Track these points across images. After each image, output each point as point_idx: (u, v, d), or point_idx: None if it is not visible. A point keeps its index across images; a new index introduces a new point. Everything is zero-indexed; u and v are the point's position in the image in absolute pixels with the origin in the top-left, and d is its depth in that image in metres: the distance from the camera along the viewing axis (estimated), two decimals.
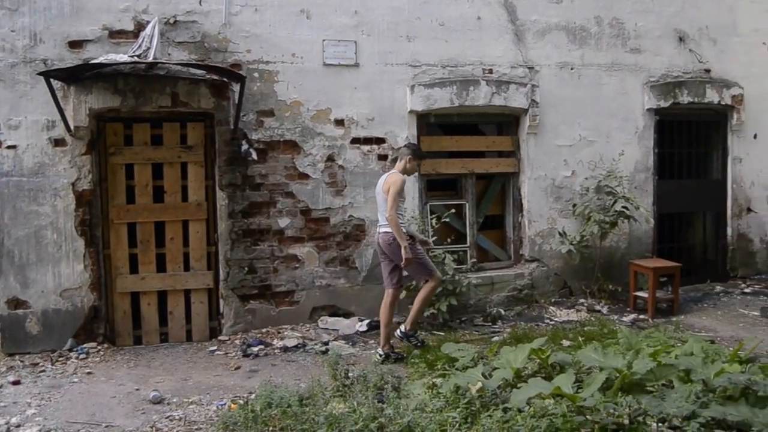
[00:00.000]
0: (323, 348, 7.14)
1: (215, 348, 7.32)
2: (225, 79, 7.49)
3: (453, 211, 8.39)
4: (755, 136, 10.47)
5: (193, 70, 7.36)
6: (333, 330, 7.75)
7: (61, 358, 6.94)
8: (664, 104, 9.69)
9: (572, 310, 8.61)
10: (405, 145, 7.21)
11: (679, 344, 6.47)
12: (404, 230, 6.76)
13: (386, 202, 6.67)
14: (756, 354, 6.05)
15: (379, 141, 8.21)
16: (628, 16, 9.45)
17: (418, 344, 7.02)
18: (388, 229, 6.72)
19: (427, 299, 7.02)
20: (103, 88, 7.21)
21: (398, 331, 7.06)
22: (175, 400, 5.85)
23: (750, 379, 4.83)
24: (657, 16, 9.62)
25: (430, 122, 8.67)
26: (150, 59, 6.94)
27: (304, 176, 7.90)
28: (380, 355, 6.80)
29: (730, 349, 6.20)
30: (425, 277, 6.94)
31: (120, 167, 7.45)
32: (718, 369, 5.24)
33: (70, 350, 7.10)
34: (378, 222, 7.00)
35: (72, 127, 7.13)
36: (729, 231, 10.40)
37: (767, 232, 10.65)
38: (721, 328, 7.86)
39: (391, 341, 6.95)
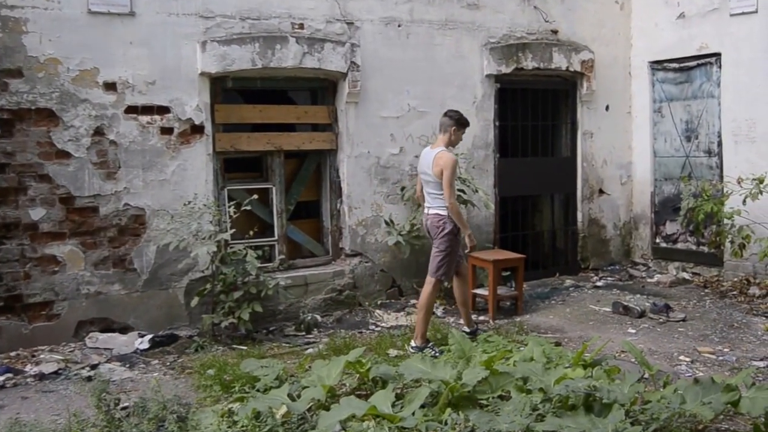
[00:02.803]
0: (91, 373, 6.88)
1: None
2: None
3: (256, 196, 8.28)
4: (607, 108, 11.19)
5: None
6: (105, 349, 7.50)
7: None
8: (505, 70, 10.12)
9: (402, 313, 8.83)
10: (446, 115, 7.62)
11: (521, 348, 6.78)
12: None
13: (437, 183, 7.38)
14: (602, 356, 6.47)
15: (162, 110, 8.00)
16: None
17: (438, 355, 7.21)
18: (440, 211, 7.45)
19: (429, 306, 7.50)
20: None
21: (410, 347, 7.41)
22: None
23: (591, 385, 5.13)
24: None
25: (227, 87, 8.58)
26: None
27: (65, 154, 7.57)
28: (468, 333, 7.46)
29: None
30: (432, 274, 7.50)
31: None
32: (560, 375, 5.56)
33: None
34: (426, 203, 7.64)
35: None
36: (579, 216, 11.06)
37: (621, 217, 11.43)
38: (570, 327, 8.34)
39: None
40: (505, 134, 10.39)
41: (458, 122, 7.54)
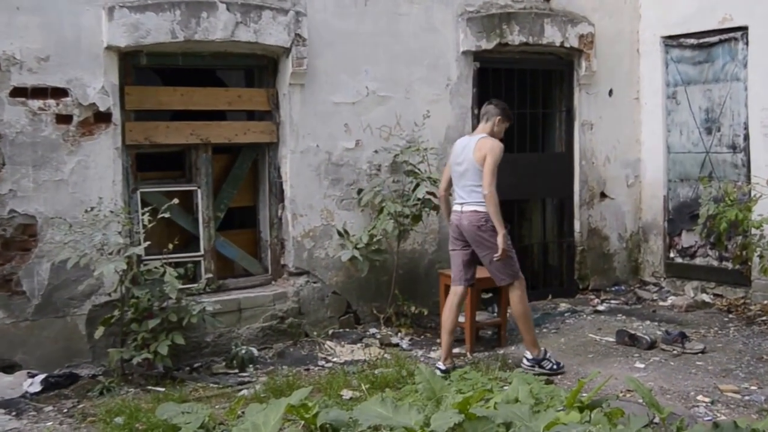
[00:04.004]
0: None
1: None
2: None
3: (177, 201, 8.24)
4: (611, 93, 11.27)
5: None
6: None
7: None
8: (486, 45, 10.17)
9: (359, 345, 8.84)
10: (491, 103, 8.20)
11: (504, 387, 6.78)
12: None
13: (477, 171, 7.77)
14: (602, 395, 6.47)
15: (58, 93, 7.92)
16: None
17: (556, 367, 7.99)
18: (479, 208, 7.81)
19: (528, 310, 8.10)
20: None
21: (524, 361, 8.06)
22: None
23: (588, 431, 5.12)
24: None
25: (140, 65, 8.55)
26: None
27: None
28: (441, 371, 7.67)
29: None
30: (508, 279, 8.00)
31: None
32: (551, 420, 5.54)
33: None
34: (459, 198, 8.02)
35: None
36: (577, 225, 11.12)
37: (627, 227, 11.50)
38: (564, 361, 8.33)
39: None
40: None
41: (504, 112, 8.10)
